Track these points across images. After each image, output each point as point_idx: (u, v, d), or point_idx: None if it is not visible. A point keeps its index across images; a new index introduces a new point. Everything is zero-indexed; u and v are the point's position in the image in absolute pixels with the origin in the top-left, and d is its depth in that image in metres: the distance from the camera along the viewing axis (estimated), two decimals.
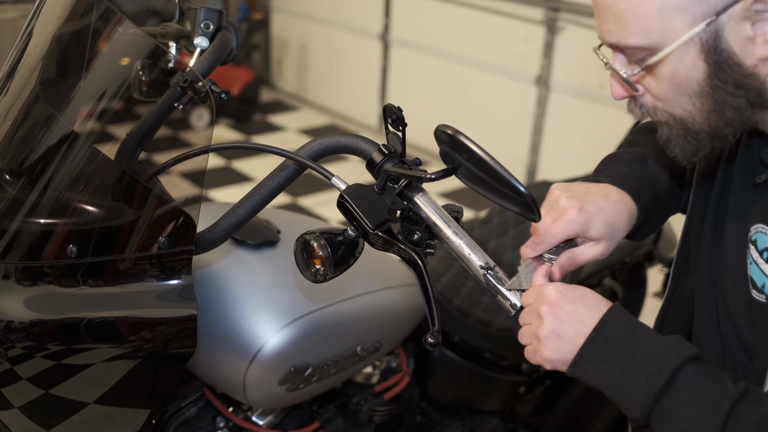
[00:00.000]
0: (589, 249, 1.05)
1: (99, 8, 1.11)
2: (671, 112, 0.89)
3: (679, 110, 0.88)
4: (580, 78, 4.01)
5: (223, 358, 1.27)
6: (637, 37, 0.84)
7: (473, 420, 1.80)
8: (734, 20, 0.81)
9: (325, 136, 1.05)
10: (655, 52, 0.85)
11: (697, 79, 0.85)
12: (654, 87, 0.89)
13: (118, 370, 1.03)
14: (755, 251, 0.94)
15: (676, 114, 0.89)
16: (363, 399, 1.54)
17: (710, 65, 0.83)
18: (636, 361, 0.87)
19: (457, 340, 1.72)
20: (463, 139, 0.84)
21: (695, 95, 0.86)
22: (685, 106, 0.88)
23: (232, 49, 1.29)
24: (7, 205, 1.03)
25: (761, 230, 0.94)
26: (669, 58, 0.84)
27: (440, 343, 0.93)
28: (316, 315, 1.31)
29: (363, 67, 5.37)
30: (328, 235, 0.96)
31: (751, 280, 0.94)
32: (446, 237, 0.97)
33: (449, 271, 1.85)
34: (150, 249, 1.00)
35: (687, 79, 0.85)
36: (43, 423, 1.05)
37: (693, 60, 0.84)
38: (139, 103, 1.20)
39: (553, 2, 4.01)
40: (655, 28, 0.83)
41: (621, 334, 0.89)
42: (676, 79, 0.86)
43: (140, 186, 1.03)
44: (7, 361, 0.98)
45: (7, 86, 1.14)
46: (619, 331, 0.89)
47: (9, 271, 1.00)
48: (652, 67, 0.86)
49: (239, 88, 5.23)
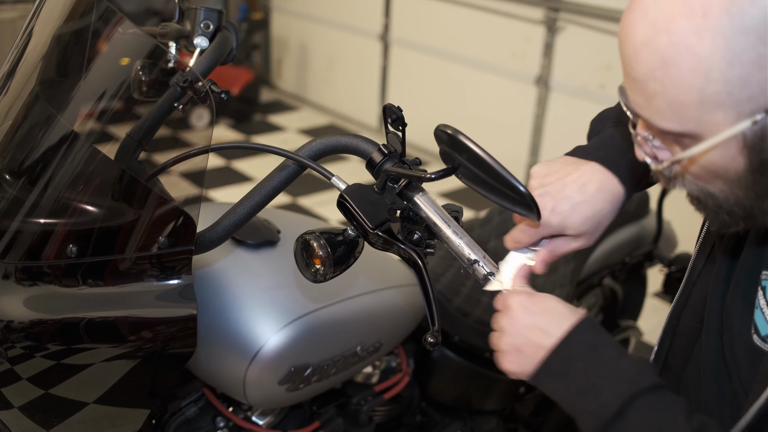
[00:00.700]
0: (569, 242, 1.01)
1: (99, 8, 1.11)
2: (704, 188, 0.80)
3: (714, 189, 0.80)
4: (580, 78, 4.01)
5: (223, 358, 1.27)
6: (669, 122, 0.74)
7: (473, 420, 1.80)
8: None
9: (325, 136, 1.05)
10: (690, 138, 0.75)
11: (735, 171, 0.76)
12: (687, 165, 0.79)
13: (118, 370, 1.03)
14: (763, 298, 0.86)
15: (710, 190, 0.80)
16: (363, 399, 1.54)
17: (753, 162, 0.74)
18: (592, 385, 0.85)
19: (457, 340, 1.72)
20: (462, 138, 0.84)
21: (732, 183, 0.77)
22: (720, 186, 0.79)
23: (232, 49, 1.29)
24: (7, 205, 1.03)
25: None
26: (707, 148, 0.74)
27: (440, 343, 0.93)
28: (316, 315, 1.31)
29: (363, 67, 5.37)
30: (328, 235, 0.96)
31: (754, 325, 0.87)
32: (446, 237, 0.97)
33: (449, 271, 1.85)
34: (150, 249, 1.00)
35: (724, 169, 0.76)
36: (43, 423, 1.05)
37: (733, 155, 0.74)
38: (139, 103, 1.20)
39: (553, 2, 4.01)
40: (691, 118, 0.72)
41: (582, 354, 0.87)
42: (712, 168, 0.77)
43: (140, 186, 1.03)
44: (7, 361, 0.98)
45: (7, 86, 1.14)
46: (581, 350, 0.87)
47: (9, 271, 1.00)
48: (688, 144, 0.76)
49: (239, 88, 5.23)
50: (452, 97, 4.75)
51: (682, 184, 0.82)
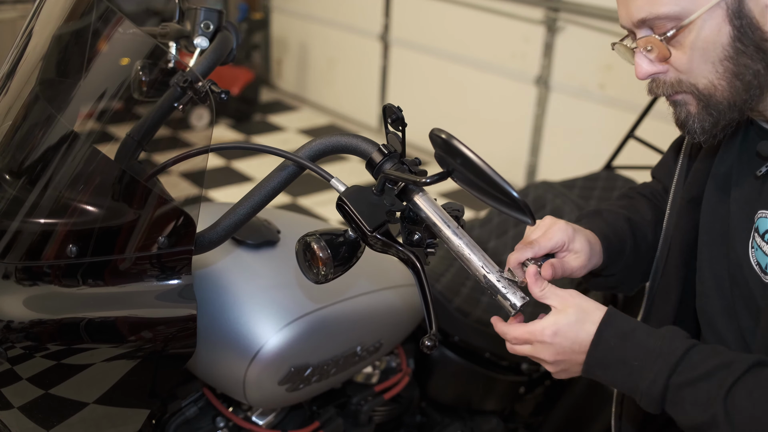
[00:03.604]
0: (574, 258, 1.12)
1: (99, 8, 1.11)
2: (695, 83, 0.95)
3: (703, 80, 0.94)
4: (579, 78, 4.01)
5: (223, 358, 1.27)
6: (668, 5, 0.91)
7: (473, 420, 1.80)
8: None
9: (324, 136, 1.05)
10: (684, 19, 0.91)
11: (722, 44, 0.92)
12: (680, 58, 0.94)
13: (118, 370, 1.03)
14: (758, 237, 1.01)
15: (699, 84, 0.95)
16: (363, 399, 1.54)
17: (735, 28, 0.90)
18: (633, 369, 0.95)
19: (457, 340, 1.72)
20: (456, 143, 0.84)
21: (719, 61, 0.92)
22: (708, 75, 0.94)
23: (232, 49, 1.30)
24: (7, 205, 1.03)
25: (763, 215, 1.00)
26: (696, 24, 0.91)
27: (437, 346, 0.94)
28: (316, 315, 1.31)
29: (363, 67, 5.37)
30: (329, 236, 0.96)
31: (757, 264, 1.01)
32: (446, 237, 0.97)
33: (449, 271, 1.85)
34: (150, 249, 1.00)
35: (713, 44, 0.92)
36: (43, 423, 1.05)
37: (719, 24, 0.91)
38: (139, 103, 1.20)
39: (553, 2, 4.01)
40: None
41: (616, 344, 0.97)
42: (702, 45, 0.92)
43: (140, 186, 1.03)
44: (7, 361, 0.98)
45: (7, 86, 1.14)
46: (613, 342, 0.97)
47: (9, 271, 1.00)
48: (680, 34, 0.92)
49: (239, 88, 5.23)
50: (452, 97, 4.75)
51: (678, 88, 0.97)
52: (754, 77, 0.93)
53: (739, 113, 0.96)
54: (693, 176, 1.15)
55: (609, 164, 2.28)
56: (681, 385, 0.92)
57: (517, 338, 1.02)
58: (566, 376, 1.03)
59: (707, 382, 0.91)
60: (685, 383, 0.92)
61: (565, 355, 0.99)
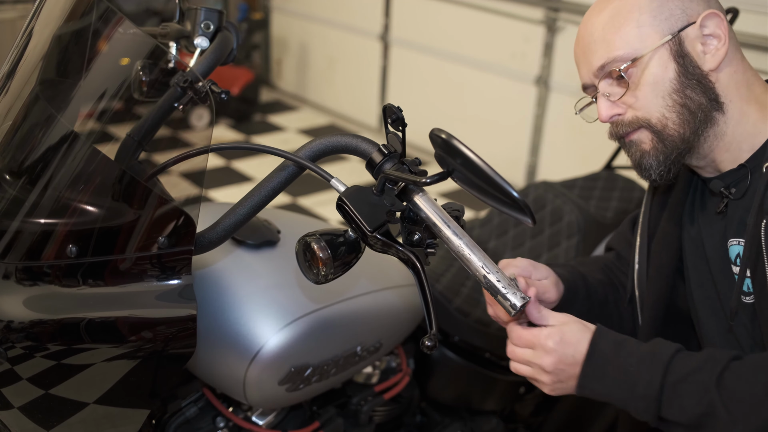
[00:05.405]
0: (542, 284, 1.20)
1: (99, 8, 1.11)
2: (649, 118, 1.09)
3: (656, 113, 1.09)
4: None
5: (223, 358, 1.27)
6: (623, 49, 1.08)
7: (473, 420, 1.80)
8: (690, 38, 1.08)
9: (324, 136, 1.05)
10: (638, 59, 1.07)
11: (669, 78, 1.08)
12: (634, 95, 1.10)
13: (118, 370, 1.03)
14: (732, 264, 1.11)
15: (653, 119, 1.09)
16: (363, 399, 1.54)
17: (679, 65, 1.07)
18: (629, 376, 1.01)
19: (457, 340, 1.72)
20: (456, 143, 0.84)
21: (668, 94, 1.08)
22: (660, 108, 1.09)
23: (232, 49, 1.29)
24: (7, 205, 1.03)
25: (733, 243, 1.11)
26: (645, 61, 1.08)
27: (437, 346, 0.94)
28: (316, 315, 1.31)
29: (363, 67, 5.37)
30: (329, 236, 0.96)
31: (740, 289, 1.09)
32: (446, 237, 0.97)
33: (449, 271, 1.85)
34: (150, 249, 1.00)
35: (662, 78, 1.08)
36: (43, 423, 1.05)
37: (665, 61, 1.07)
38: (139, 103, 1.20)
39: (553, 2, 4.01)
40: (634, 40, 1.08)
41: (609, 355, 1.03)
42: (652, 79, 1.08)
43: (140, 186, 1.03)
44: (7, 361, 0.98)
45: (7, 86, 1.14)
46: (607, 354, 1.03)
47: (9, 271, 1.00)
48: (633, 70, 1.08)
49: (239, 88, 5.23)
50: (452, 97, 4.75)
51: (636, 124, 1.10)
52: (699, 109, 1.07)
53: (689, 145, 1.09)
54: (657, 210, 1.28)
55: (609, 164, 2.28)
56: (675, 383, 0.98)
57: (521, 338, 1.04)
58: (559, 392, 1.07)
59: (699, 373, 0.97)
60: (679, 380, 0.98)
61: (564, 364, 1.03)
